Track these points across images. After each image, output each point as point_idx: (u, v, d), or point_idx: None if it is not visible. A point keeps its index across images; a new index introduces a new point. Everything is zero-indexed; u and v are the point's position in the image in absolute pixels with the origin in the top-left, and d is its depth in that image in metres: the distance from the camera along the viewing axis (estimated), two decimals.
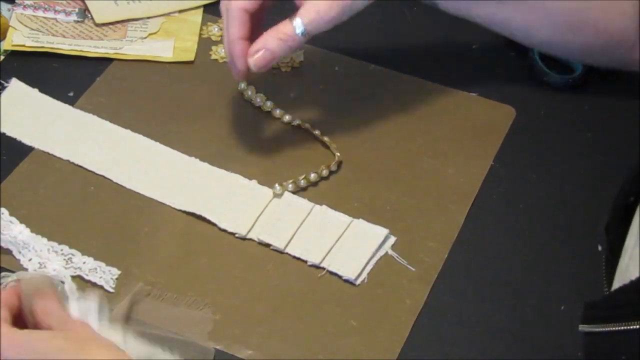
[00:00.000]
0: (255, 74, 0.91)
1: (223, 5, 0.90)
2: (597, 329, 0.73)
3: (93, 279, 0.84)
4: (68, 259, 0.86)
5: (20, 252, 0.86)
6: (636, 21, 0.90)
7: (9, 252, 0.86)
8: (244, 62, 0.89)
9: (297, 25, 0.86)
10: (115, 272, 0.85)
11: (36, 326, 0.69)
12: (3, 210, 0.88)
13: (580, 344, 0.81)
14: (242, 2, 0.88)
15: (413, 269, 0.87)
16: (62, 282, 0.76)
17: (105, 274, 0.85)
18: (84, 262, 0.86)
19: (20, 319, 0.70)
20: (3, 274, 0.84)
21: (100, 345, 0.67)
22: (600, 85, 1.00)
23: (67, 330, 0.68)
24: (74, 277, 0.84)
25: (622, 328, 0.70)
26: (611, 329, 0.71)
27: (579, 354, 0.80)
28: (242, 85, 1.01)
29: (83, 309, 0.71)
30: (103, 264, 0.85)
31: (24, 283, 0.70)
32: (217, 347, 0.81)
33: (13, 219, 0.88)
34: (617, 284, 0.78)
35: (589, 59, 0.96)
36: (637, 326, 0.69)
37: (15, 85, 1.01)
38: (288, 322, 0.83)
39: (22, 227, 0.87)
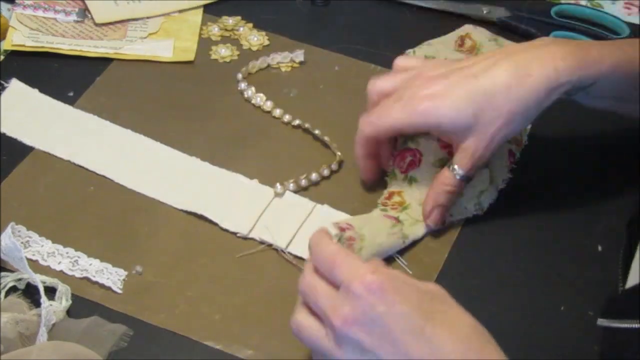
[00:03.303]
0: None
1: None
2: (614, 325, 0.73)
3: (100, 281, 0.84)
4: (74, 261, 0.86)
5: (45, 260, 0.86)
6: None
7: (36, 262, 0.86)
8: (369, 177, 0.91)
9: (455, 172, 0.85)
10: (123, 273, 0.85)
11: None
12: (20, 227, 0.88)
13: (578, 344, 0.82)
14: (368, 131, 0.87)
15: (412, 270, 0.86)
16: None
17: (112, 275, 0.85)
18: (90, 264, 0.86)
19: None
20: (3, 274, 0.84)
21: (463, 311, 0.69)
22: None
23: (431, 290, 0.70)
24: (80, 279, 0.85)
25: (634, 326, 0.71)
26: (628, 325, 0.72)
27: (590, 355, 0.80)
28: (242, 85, 1.01)
29: None
30: (110, 265, 0.85)
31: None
32: (217, 347, 0.81)
33: (32, 233, 0.88)
34: (632, 280, 0.78)
35: None
36: None
37: (15, 86, 1.00)
38: (288, 322, 0.83)
39: (43, 239, 0.87)
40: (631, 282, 0.79)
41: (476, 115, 0.82)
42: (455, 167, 0.85)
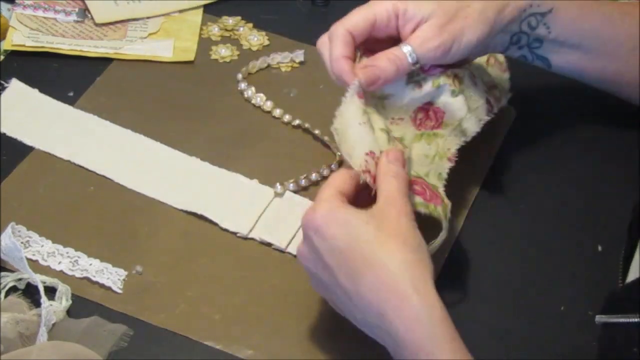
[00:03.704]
0: None
1: (325, 36, 0.89)
2: (613, 320, 0.74)
3: (101, 281, 0.84)
4: (74, 261, 0.86)
5: (45, 260, 0.86)
6: None
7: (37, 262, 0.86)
8: (351, 76, 0.86)
9: (406, 48, 0.85)
10: (123, 273, 0.85)
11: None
12: (20, 227, 0.88)
13: (578, 344, 0.82)
14: (347, 24, 0.87)
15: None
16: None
17: (112, 275, 0.85)
18: (90, 264, 0.86)
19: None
20: (3, 273, 0.84)
21: (401, 244, 0.73)
22: None
23: (381, 220, 0.75)
24: (80, 279, 0.85)
25: (634, 320, 0.71)
26: (626, 320, 0.72)
27: (590, 355, 0.80)
28: (242, 85, 1.01)
29: None
30: (110, 265, 0.85)
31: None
32: (217, 347, 0.81)
33: (32, 233, 0.88)
34: (632, 275, 0.78)
35: None
36: None
37: (15, 86, 1.00)
38: (288, 322, 0.83)
39: (43, 239, 0.87)
40: (630, 278, 0.79)
41: (440, 4, 0.86)
42: (409, 47, 0.85)
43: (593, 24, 0.90)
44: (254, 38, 1.07)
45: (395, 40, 0.87)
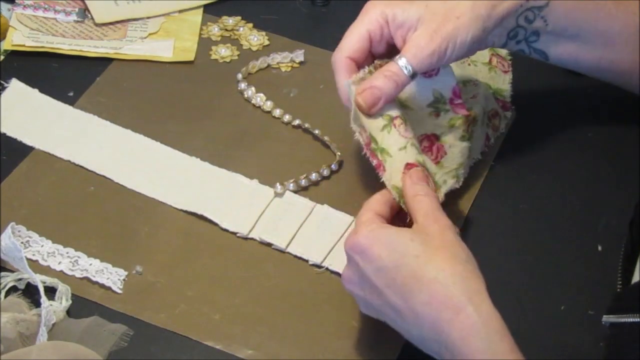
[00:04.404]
0: None
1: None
2: (621, 320, 0.74)
3: (101, 281, 0.84)
4: (74, 261, 0.86)
5: (45, 260, 0.86)
6: None
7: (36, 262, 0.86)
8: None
9: (401, 61, 0.85)
10: (123, 273, 0.85)
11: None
12: (20, 227, 0.88)
13: (578, 344, 0.82)
14: (344, 50, 0.87)
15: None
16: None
17: (112, 275, 0.85)
18: (90, 264, 0.86)
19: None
20: (3, 273, 0.84)
21: (450, 257, 0.73)
22: (600, 84, 1.00)
23: (426, 235, 0.75)
24: (80, 279, 0.85)
25: None
26: (634, 320, 0.72)
27: (590, 354, 0.80)
28: (242, 85, 1.01)
29: None
30: (110, 265, 0.85)
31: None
32: (217, 347, 0.81)
33: (32, 233, 0.88)
34: (637, 275, 0.78)
35: None
36: None
37: (15, 86, 1.00)
38: (288, 322, 0.83)
39: (43, 239, 0.87)
40: (636, 278, 0.79)
41: (428, 6, 0.85)
42: (404, 59, 0.85)
43: (589, 15, 0.90)
44: (254, 38, 1.07)
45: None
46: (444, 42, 0.85)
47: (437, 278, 0.72)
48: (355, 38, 0.87)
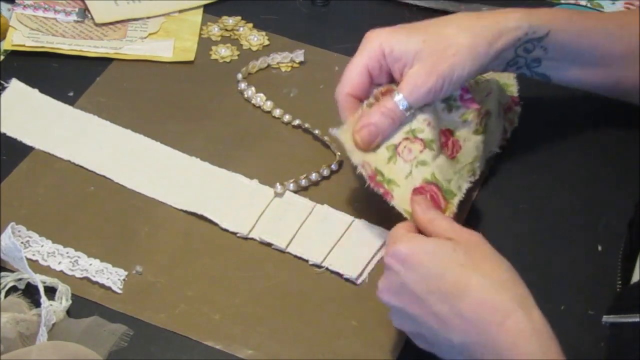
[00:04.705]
0: None
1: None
2: (621, 320, 0.74)
3: (100, 281, 0.84)
4: (74, 261, 0.86)
5: (45, 260, 0.86)
6: None
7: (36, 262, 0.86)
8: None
9: (398, 98, 0.86)
10: (123, 273, 0.85)
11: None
12: (20, 227, 0.88)
13: (578, 343, 0.82)
14: (345, 87, 0.88)
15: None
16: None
17: (112, 275, 0.85)
18: (90, 264, 0.86)
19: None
20: (3, 273, 0.84)
21: (495, 266, 0.74)
22: None
23: (466, 246, 0.75)
24: (80, 279, 0.85)
25: None
26: (634, 319, 0.72)
27: (590, 354, 0.80)
28: (242, 85, 1.01)
29: None
30: (110, 265, 0.85)
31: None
32: (217, 347, 0.81)
33: (32, 233, 0.88)
34: (637, 275, 0.78)
35: None
36: None
37: (15, 86, 1.00)
38: (288, 322, 0.83)
39: (43, 239, 0.87)
40: (636, 278, 0.79)
41: (425, 41, 0.86)
42: (400, 95, 0.86)
43: (590, 40, 0.90)
44: (254, 38, 1.07)
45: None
46: (440, 79, 0.85)
47: (485, 285, 0.73)
48: (355, 74, 0.88)
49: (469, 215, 0.91)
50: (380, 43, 0.86)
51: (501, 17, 0.88)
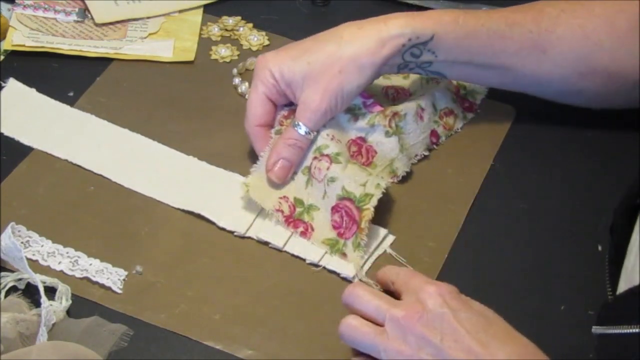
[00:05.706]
0: None
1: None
2: (609, 331, 0.73)
3: (100, 281, 0.84)
4: (74, 261, 0.86)
5: (45, 260, 0.86)
6: None
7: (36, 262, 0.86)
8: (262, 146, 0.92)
9: (298, 127, 0.89)
10: (123, 273, 0.85)
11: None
12: (20, 227, 0.88)
13: (578, 344, 0.82)
14: (251, 120, 0.91)
15: (412, 268, 0.86)
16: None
17: (112, 275, 0.85)
18: (90, 264, 0.86)
19: None
20: (3, 273, 0.84)
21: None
22: None
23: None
24: (80, 279, 0.85)
25: (633, 331, 0.71)
26: (622, 331, 0.72)
27: (590, 355, 0.80)
28: (237, 80, 1.01)
29: None
30: (110, 265, 0.85)
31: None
32: (217, 347, 0.81)
33: (32, 233, 0.88)
34: (623, 284, 0.78)
35: (606, 103, 0.96)
36: None
37: (13, 85, 1.00)
38: (288, 322, 0.83)
39: (43, 239, 0.87)
40: (622, 287, 0.79)
41: (310, 63, 0.88)
42: (299, 122, 0.88)
43: (480, 41, 0.90)
44: (254, 38, 1.07)
45: None
46: (333, 99, 0.88)
47: (524, 339, 0.73)
48: (257, 105, 0.91)
49: (469, 215, 0.91)
50: (270, 69, 0.89)
51: (383, 25, 0.89)
